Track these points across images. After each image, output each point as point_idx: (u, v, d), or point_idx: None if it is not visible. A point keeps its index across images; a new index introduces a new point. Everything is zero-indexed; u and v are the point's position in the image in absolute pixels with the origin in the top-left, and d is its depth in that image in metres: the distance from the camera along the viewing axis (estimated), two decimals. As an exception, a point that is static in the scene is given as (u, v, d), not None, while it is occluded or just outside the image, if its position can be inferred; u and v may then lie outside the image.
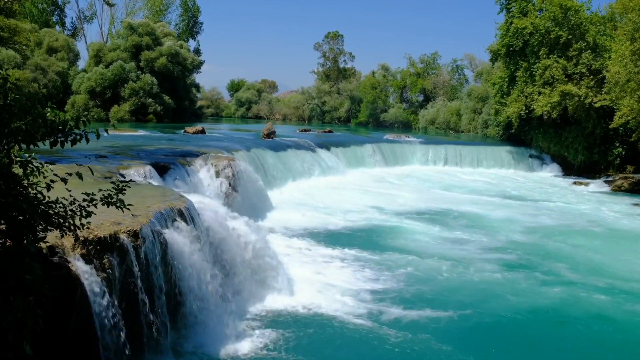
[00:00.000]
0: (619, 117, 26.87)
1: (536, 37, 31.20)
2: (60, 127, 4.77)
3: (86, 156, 13.07)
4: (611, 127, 28.32)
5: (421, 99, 63.00)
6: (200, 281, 8.23)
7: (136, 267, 6.97)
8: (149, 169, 13.50)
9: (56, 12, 61.60)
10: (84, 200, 5.29)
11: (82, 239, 6.20)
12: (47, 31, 49.99)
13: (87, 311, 6.05)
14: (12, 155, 4.72)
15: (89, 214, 5.28)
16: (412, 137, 37.96)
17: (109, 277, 6.46)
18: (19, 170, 4.76)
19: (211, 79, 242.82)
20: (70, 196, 5.17)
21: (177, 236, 8.06)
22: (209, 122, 51.38)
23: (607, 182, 27.92)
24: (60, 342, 5.81)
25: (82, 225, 5.26)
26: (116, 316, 6.46)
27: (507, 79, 34.48)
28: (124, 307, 6.71)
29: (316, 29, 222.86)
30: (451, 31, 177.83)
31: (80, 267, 6.08)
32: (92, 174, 5.76)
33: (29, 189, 4.83)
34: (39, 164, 4.91)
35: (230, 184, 15.71)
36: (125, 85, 45.79)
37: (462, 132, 50.07)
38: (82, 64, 52.68)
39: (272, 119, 66.53)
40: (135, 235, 7.07)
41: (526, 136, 35.04)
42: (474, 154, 33.77)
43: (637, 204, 22.47)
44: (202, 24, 69.56)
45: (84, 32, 69.41)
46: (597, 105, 28.84)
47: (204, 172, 15.67)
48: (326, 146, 28.22)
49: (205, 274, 8.42)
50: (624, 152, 30.41)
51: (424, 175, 29.12)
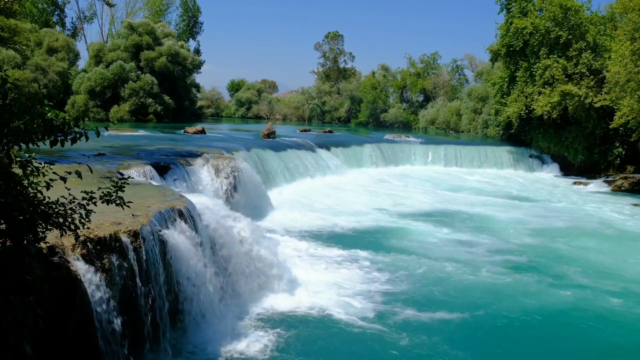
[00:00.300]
0: (619, 117, 26.87)
1: (536, 37, 31.20)
2: (59, 126, 4.76)
3: (86, 156, 13.06)
4: (611, 127, 28.33)
5: (421, 99, 63.00)
6: (200, 281, 8.22)
7: (136, 267, 6.96)
8: (149, 169, 13.50)
9: (56, 12, 61.64)
10: (84, 198, 5.28)
11: (82, 239, 6.19)
12: (47, 31, 49.99)
13: (87, 311, 6.05)
14: (12, 155, 4.72)
15: (89, 213, 5.27)
16: (412, 137, 37.94)
17: (109, 277, 6.45)
18: (19, 170, 4.76)
19: (211, 79, 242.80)
20: (69, 194, 5.16)
21: (177, 236, 8.06)
22: (209, 122, 51.36)
23: (607, 182, 27.92)
24: (60, 342, 5.80)
25: (83, 224, 5.25)
26: (116, 316, 6.46)
27: (507, 79, 34.48)
28: (124, 307, 6.70)
29: (316, 29, 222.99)
30: (451, 31, 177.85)
31: (80, 267, 6.07)
32: (91, 173, 5.75)
33: (29, 189, 4.83)
34: (39, 164, 4.91)
35: (230, 184, 15.70)
36: (125, 85, 45.80)
37: (462, 132, 50.06)
38: (82, 64, 52.81)
39: (272, 119, 66.53)
40: (135, 235, 7.06)
41: (526, 136, 35.03)
42: (474, 154, 33.75)
43: (637, 204, 22.45)
44: (202, 24, 69.71)
45: (84, 32, 69.54)
46: (597, 105, 28.84)
47: (204, 172, 15.66)
48: (326, 146, 28.21)
49: (205, 274, 8.42)
50: (624, 152, 30.42)
51: (425, 175, 29.10)
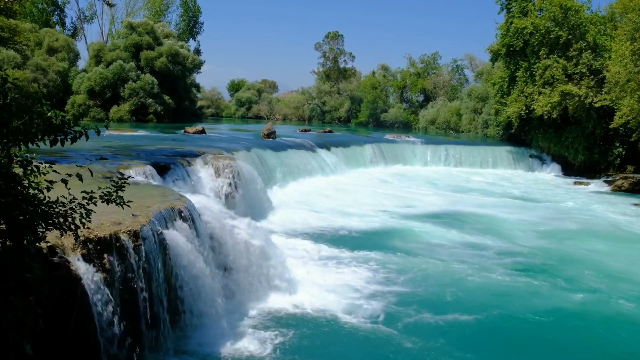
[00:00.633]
0: (619, 117, 26.86)
1: (536, 37, 31.19)
2: (59, 125, 4.77)
3: (86, 157, 13.06)
4: (611, 127, 28.32)
5: (421, 99, 63.01)
6: (200, 281, 8.22)
7: (136, 267, 6.96)
8: (149, 169, 13.49)
9: (56, 12, 61.61)
10: (84, 198, 5.28)
11: (82, 238, 6.19)
12: (47, 31, 49.99)
13: (87, 311, 6.05)
14: (13, 155, 4.72)
15: (89, 213, 5.27)
16: (412, 137, 37.95)
17: (109, 277, 6.45)
18: (19, 170, 4.76)
19: (211, 79, 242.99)
20: (69, 194, 5.16)
21: (177, 236, 8.06)
22: (209, 122, 51.36)
23: (607, 182, 27.92)
24: (60, 342, 5.81)
25: (83, 224, 5.25)
26: (116, 316, 6.46)
27: (507, 79, 34.47)
28: (124, 307, 6.70)
29: (316, 29, 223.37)
30: (451, 31, 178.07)
31: (80, 267, 6.07)
32: (92, 175, 5.75)
33: (29, 189, 4.83)
34: (40, 164, 4.91)
35: (230, 184, 15.70)
36: (125, 85, 45.79)
37: (462, 132, 50.05)
38: (82, 64, 52.81)
39: (272, 119, 66.53)
40: (135, 235, 7.06)
41: (526, 136, 35.04)
42: (474, 154, 33.77)
43: (638, 204, 22.43)
44: (202, 24, 69.67)
45: (84, 32, 69.53)
46: (597, 105, 28.83)
47: (204, 172, 15.66)
48: (326, 146, 28.21)
49: (205, 274, 8.41)
50: (624, 152, 30.41)
51: (425, 175, 29.11)
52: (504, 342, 8.86)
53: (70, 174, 5.08)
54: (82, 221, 5.23)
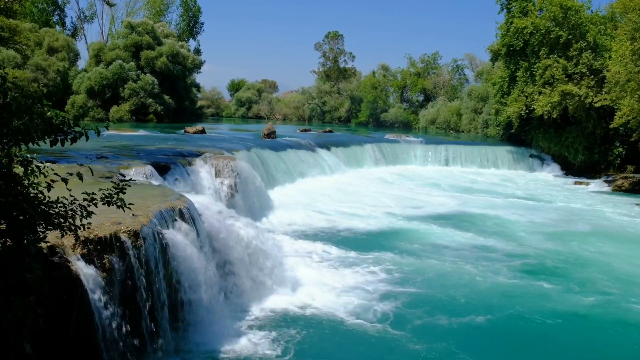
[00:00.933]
0: (620, 117, 26.85)
1: (536, 37, 31.18)
2: (59, 125, 4.76)
3: (87, 156, 13.06)
4: (611, 127, 28.30)
5: (421, 98, 63.04)
6: (200, 281, 8.21)
7: (136, 267, 6.96)
8: (150, 168, 13.49)
9: (56, 12, 61.61)
10: (84, 199, 5.28)
11: (82, 238, 6.20)
12: (47, 31, 49.98)
13: (87, 311, 6.05)
14: (13, 155, 4.72)
15: (89, 214, 5.27)
16: (412, 137, 37.96)
17: (109, 277, 6.46)
18: (19, 170, 4.76)
19: (211, 79, 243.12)
20: (70, 195, 5.16)
21: (177, 236, 8.06)
22: (209, 122, 51.37)
23: (607, 182, 27.90)
24: (60, 342, 5.81)
25: (83, 225, 5.25)
26: (116, 316, 6.46)
27: (507, 79, 34.47)
28: (124, 307, 6.70)
29: (316, 29, 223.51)
30: (452, 31, 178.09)
31: (80, 267, 6.08)
32: (92, 174, 5.75)
33: (30, 189, 4.83)
34: (40, 164, 4.91)
35: (230, 184, 15.70)
36: (125, 85, 45.78)
37: (463, 132, 50.05)
38: (82, 64, 52.79)
39: (273, 119, 66.55)
40: (135, 235, 7.07)
41: (526, 136, 35.04)
42: (475, 154, 33.77)
43: (639, 204, 22.43)
44: (202, 24, 69.61)
45: (84, 32, 69.46)
46: (597, 105, 28.82)
47: (204, 172, 15.66)
48: (326, 146, 28.22)
49: (205, 274, 8.41)
50: (624, 152, 30.39)
51: (425, 175, 29.11)
52: (514, 345, 8.74)
53: (70, 173, 5.08)
54: (83, 222, 5.23)
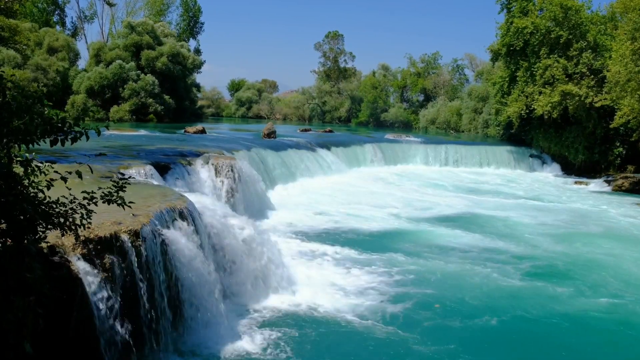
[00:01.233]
0: (620, 117, 26.85)
1: (537, 37, 31.18)
2: (59, 125, 4.76)
3: (87, 156, 13.05)
4: (612, 126, 28.31)
5: (422, 98, 63.09)
6: (201, 280, 8.21)
7: (137, 267, 6.96)
8: (150, 168, 13.50)
9: (56, 12, 61.66)
10: (84, 198, 5.27)
11: (82, 238, 6.19)
12: (48, 31, 49.99)
13: (87, 311, 6.04)
14: (13, 154, 4.71)
15: (90, 213, 5.27)
16: (412, 137, 37.98)
17: (109, 277, 6.45)
18: (19, 169, 4.75)
19: (211, 79, 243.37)
20: (70, 195, 5.15)
21: (177, 236, 8.05)
22: (209, 122, 51.38)
23: (607, 181, 27.92)
24: (60, 342, 5.80)
25: (83, 224, 5.24)
26: (117, 316, 6.45)
27: (507, 79, 34.46)
28: (124, 307, 6.69)
29: (316, 29, 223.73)
30: (452, 31, 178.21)
31: (80, 267, 6.07)
32: (92, 173, 5.74)
33: (30, 189, 4.82)
34: (40, 163, 4.90)
35: (230, 184, 15.70)
36: (125, 85, 45.78)
37: (463, 131, 50.06)
38: (82, 63, 52.82)
39: (273, 119, 66.56)
40: (136, 235, 7.06)
41: (527, 136, 35.05)
42: (475, 153, 33.78)
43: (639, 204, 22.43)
44: (202, 24, 69.66)
45: (84, 31, 69.39)
46: (597, 105, 28.82)
47: (204, 172, 15.66)
48: (327, 146, 28.22)
49: (205, 274, 8.41)
50: (624, 152, 30.40)
51: (425, 175, 29.11)
52: (524, 348, 8.63)
53: (70, 172, 5.07)
54: (83, 222, 5.22)
